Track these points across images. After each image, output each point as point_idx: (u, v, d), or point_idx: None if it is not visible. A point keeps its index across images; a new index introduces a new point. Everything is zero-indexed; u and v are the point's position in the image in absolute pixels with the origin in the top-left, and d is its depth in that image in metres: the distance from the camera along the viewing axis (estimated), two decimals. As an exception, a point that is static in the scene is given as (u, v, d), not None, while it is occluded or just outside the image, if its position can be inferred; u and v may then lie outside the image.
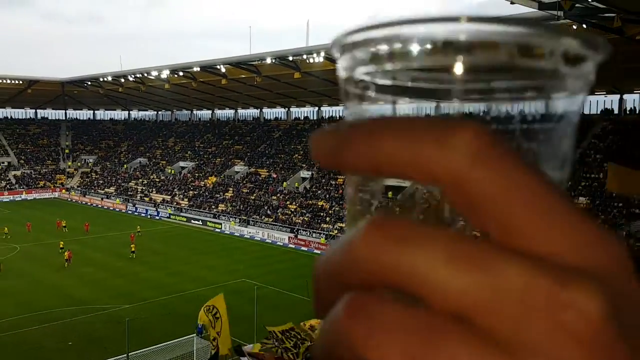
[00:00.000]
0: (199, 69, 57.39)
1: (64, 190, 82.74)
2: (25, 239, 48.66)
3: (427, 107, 0.35)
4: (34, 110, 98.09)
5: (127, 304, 31.72)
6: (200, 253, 46.30)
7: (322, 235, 48.80)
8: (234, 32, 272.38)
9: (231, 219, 57.62)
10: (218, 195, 65.16)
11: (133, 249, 44.24)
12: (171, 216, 64.16)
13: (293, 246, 49.58)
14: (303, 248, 48.67)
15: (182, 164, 79.39)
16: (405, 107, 0.36)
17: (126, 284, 36.32)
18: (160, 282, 36.61)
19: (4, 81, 73.20)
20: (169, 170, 78.04)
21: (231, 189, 65.89)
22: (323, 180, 59.33)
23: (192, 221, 61.28)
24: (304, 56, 47.21)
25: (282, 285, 35.39)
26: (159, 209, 66.60)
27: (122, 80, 69.39)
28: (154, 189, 73.62)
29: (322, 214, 52.95)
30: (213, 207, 62.55)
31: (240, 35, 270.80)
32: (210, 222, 59.50)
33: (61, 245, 43.34)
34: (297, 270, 40.41)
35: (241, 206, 60.08)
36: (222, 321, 16.17)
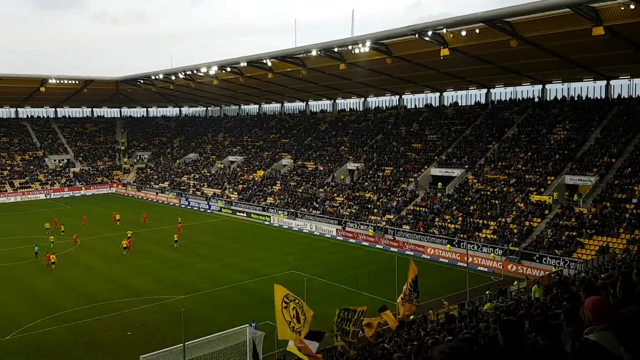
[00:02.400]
0: (245, 64, 58.15)
1: (120, 186, 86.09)
2: (82, 232, 50.91)
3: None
4: (90, 109, 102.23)
5: (182, 294, 32.81)
6: (251, 245, 47.25)
7: (370, 227, 48.74)
8: (278, 26, 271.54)
9: (279, 212, 58.39)
10: (266, 189, 66.10)
11: (176, 239, 46.51)
12: (222, 209, 65.66)
13: (341, 238, 49.79)
14: (351, 240, 48.79)
15: (231, 158, 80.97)
16: None
17: (181, 275, 37.56)
18: (213, 274, 37.67)
19: (62, 81, 76.46)
20: (219, 165, 79.76)
21: (279, 182, 66.68)
22: (370, 172, 59.10)
23: (242, 214, 62.51)
24: (350, 47, 46.95)
25: (331, 277, 35.68)
26: (210, 203, 68.27)
27: (173, 77, 71.20)
28: (205, 183, 75.48)
29: (369, 205, 52.82)
30: (262, 200, 63.53)
31: (285, 29, 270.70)
32: (259, 215, 60.51)
33: (129, 235, 46.48)
34: (346, 262, 40.64)
35: (289, 199, 60.74)
36: (299, 306, 16.40)
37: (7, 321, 28.51)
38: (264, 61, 56.64)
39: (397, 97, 71.27)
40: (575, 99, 54.16)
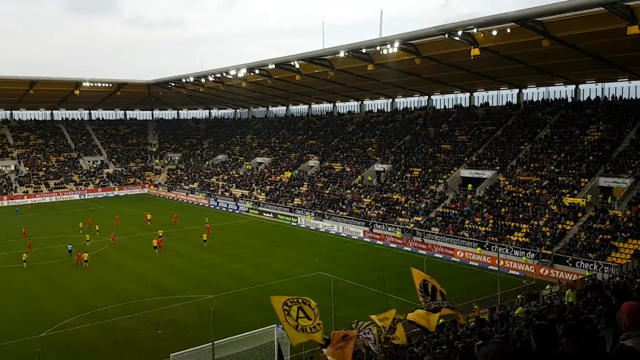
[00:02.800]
0: (274, 66, 58.54)
1: (152, 187, 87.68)
2: (115, 231, 51.95)
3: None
4: (123, 112, 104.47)
5: (211, 294, 33.20)
6: (278, 246, 47.48)
7: (397, 228, 48.42)
8: (307, 28, 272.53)
9: (307, 213, 58.54)
10: (294, 190, 66.36)
11: (205, 238, 47.43)
12: (250, 210, 66.20)
13: (368, 240, 49.60)
14: (378, 242, 48.55)
15: (259, 159, 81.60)
16: None
17: (210, 274, 38.01)
18: (241, 274, 38.00)
19: (96, 85, 78.32)
20: (247, 166, 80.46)
21: (306, 183, 66.86)
22: (398, 173, 58.74)
23: (269, 215, 62.89)
24: (378, 47, 46.73)
25: (358, 279, 35.58)
26: (238, 204, 68.91)
27: (203, 80, 72.20)
28: (233, 184, 76.24)
29: (397, 207, 52.48)
30: (289, 201, 63.80)
31: (313, 31, 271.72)
32: (286, 215, 60.78)
33: (160, 234, 47.94)
34: (373, 264, 40.46)
35: (316, 200, 60.84)
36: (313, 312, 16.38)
37: (43, 318, 29.32)
38: (292, 63, 56.93)
39: (426, 97, 70.68)
40: (610, 99, 52.79)
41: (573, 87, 55.59)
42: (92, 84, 77.75)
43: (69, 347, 25.21)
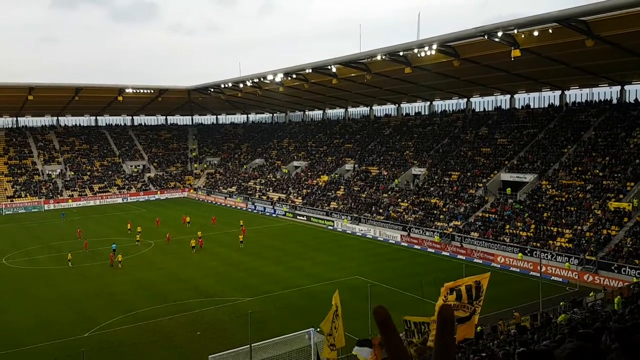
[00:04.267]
0: (310, 70, 58.81)
1: (192, 190, 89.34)
2: (155, 234, 53.10)
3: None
4: (164, 117, 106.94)
5: (249, 296, 33.52)
6: (315, 250, 47.56)
7: (435, 233, 47.79)
8: (342, 32, 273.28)
9: (343, 217, 58.44)
10: (330, 194, 66.39)
11: (241, 239, 48.97)
12: (287, 214, 66.59)
13: (405, 244, 49.12)
14: (416, 246, 48.03)
15: (295, 163, 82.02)
16: None
17: (248, 277, 38.39)
18: (279, 277, 38.23)
19: (138, 91, 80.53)
20: (284, 170, 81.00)
21: (342, 187, 66.79)
22: (436, 177, 57.99)
23: (306, 218, 63.10)
24: (415, 50, 46.37)
25: (394, 284, 35.26)
26: (275, 207, 69.43)
27: (241, 85, 73.18)
28: (270, 188, 76.88)
29: (435, 211, 51.79)
30: (325, 205, 63.86)
31: (349, 34, 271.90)
32: (322, 219, 60.85)
33: (199, 235, 49.57)
34: (410, 268, 40.03)
35: (352, 204, 60.68)
36: (339, 318, 16.53)
37: (87, 318, 30.24)
38: (329, 67, 57.04)
39: (465, 100, 69.58)
40: (659, 99, 50.73)
41: (618, 88, 53.69)
42: (134, 91, 79.94)
43: (112, 347, 25.90)
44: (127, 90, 79.38)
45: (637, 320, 6.82)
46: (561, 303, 27.73)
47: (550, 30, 37.37)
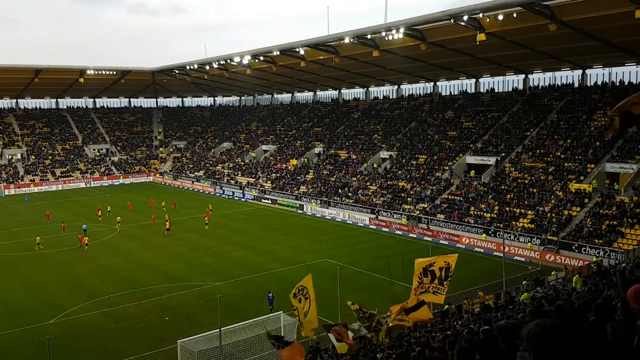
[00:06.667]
0: (278, 52, 58.24)
1: (157, 175, 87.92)
2: (125, 219, 52.15)
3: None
4: (127, 99, 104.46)
5: (217, 281, 33.42)
6: (284, 234, 47.63)
7: (403, 216, 48.45)
8: (311, 15, 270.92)
9: (313, 201, 58.59)
10: (299, 177, 66.37)
11: (206, 221, 49.93)
12: (256, 198, 66.34)
13: (374, 227, 49.68)
14: (384, 229, 48.64)
15: (264, 147, 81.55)
16: None
17: (217, 262, 38.23)
18: (248, 261, 38.19)
19: (100, 72, 78.29)
20: (253, 154, 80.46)
21: (312, 170, 66.84)
22: (403, 161, 58.60)
23: (275, 203, 63.02)
24: (383, 33, 46.38)
25: (363, 266, 35.70)
26: (244, 191, 69.05)
27: (207, 67, 71.98)
28: (239, 172, 76.33)
29: (403, 194, 52.45)
30: (295, 189, 63.86)
31: (317, 17, 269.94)
32: (292, 203, 60.88)
33: (167, 218, 49.84)
34: (379, 251, 40.55)
35: (322, 188, 60.86)
36: (311, 301, 16.68)
37: (52, 305, 29.65)
38: (297, 49, 56.60)
39: (432, 84, 70.27)
40: (617, 84, 52.30)
41: (580, 72, 55.09)
42: (96, 72, 77.79)
43: (78, 333, 25.49)
44: (88, 72, 77.16)
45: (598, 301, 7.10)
46: (524, 282, 28.62)
47: (515, 15, 37.93)
